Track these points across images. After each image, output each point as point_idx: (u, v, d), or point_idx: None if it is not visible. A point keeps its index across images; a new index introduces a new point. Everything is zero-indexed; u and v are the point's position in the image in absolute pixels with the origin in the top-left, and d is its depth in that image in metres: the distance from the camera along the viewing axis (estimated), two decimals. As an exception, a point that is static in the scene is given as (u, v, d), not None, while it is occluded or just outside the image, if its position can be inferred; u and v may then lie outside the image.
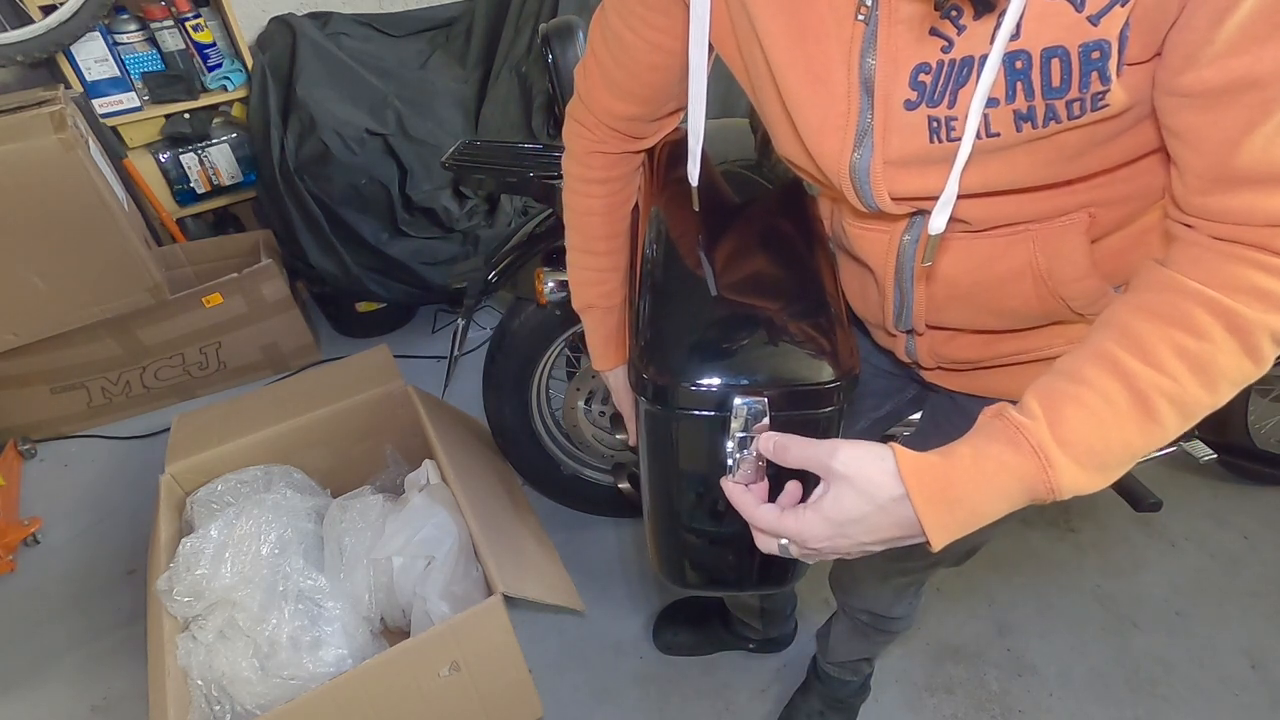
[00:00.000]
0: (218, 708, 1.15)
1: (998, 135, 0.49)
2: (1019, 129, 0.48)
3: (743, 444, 0.59)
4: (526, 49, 2.17)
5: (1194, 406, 0.46)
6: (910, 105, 0.50)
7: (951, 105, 0.49)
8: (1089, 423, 0.46)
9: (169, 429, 1.54)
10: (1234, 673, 1.40)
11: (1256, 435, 1.64)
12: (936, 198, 0.53)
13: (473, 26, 2.25)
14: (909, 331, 0.71)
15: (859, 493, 0.49)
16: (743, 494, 0.57)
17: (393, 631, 1.35)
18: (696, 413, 0.62)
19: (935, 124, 0.50)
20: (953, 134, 0.50)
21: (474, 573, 1.27)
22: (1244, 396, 1.56)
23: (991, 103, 0.47)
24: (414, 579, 1.26)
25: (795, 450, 0.53)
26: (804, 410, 0.60)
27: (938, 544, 0.48)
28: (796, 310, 0.64)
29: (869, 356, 0.83)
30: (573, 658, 1.45)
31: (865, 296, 0.72)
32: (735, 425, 0.59)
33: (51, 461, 1.99)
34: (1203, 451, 1.55)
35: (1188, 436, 1.56)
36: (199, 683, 1.15)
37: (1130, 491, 1.39)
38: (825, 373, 0.59)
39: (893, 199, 0.56)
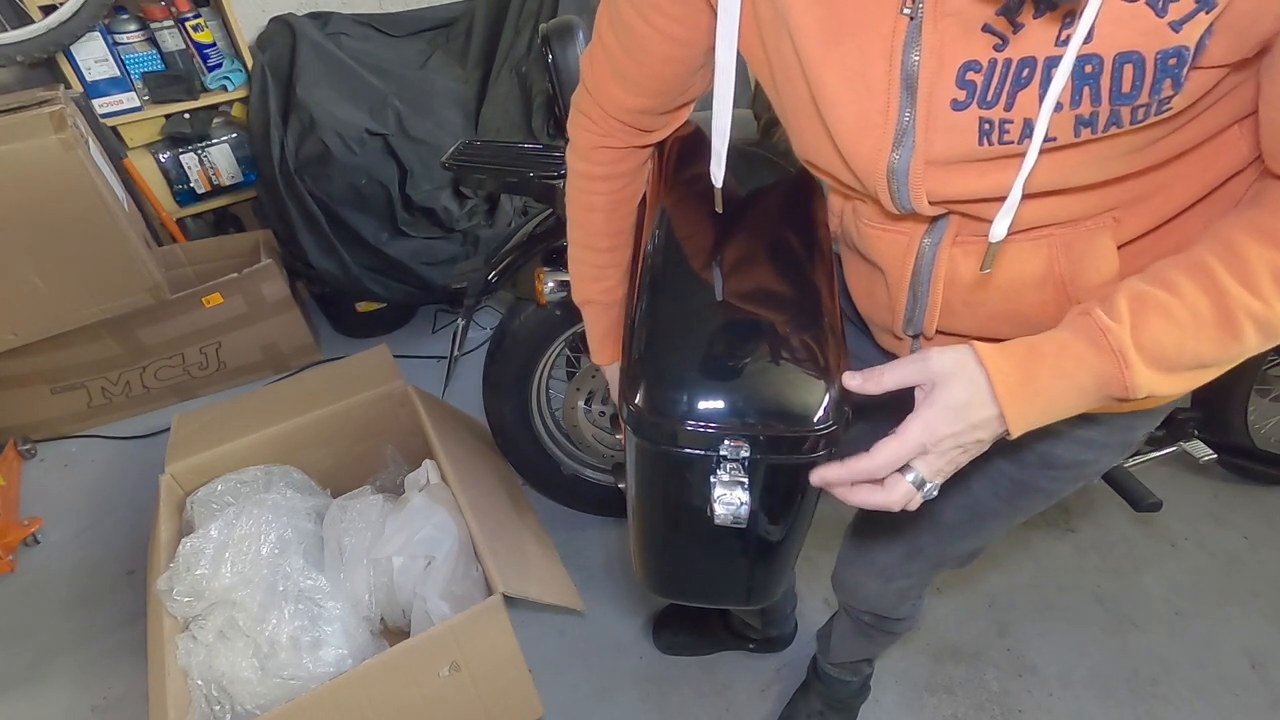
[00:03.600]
0: (218, 708, 1.15)
1: (1054, 140, 0.47)
2: (1077, 134, 0.46)
3: (729, 484, 0.60)
4: (526, 49, 2.17)
5: (1279, 328, 0.48)
6: (959, 105, 0.48)
7: (1009, 108, 0.47)
8: (1171, 332, 0.48)
9: (169, 429, 1.53)
10: (1234, 673, 1.40)
11: (1256, 435, 1.64)
12: (978, 200, 0.51)
13: (473, 26, 2.25)
14: (916, 336, 0.69)
15: (964, 381, 0.51)
16: (841, 468, 0.55)
17: (393, 631, 1.35)
18: (683, 450, 0.61)
19: (988, 126, 0.48)
20: (1005, 137, 0.48)
21: (474, 573, 1.27)
22: (1244, 397, 1.56)
23: (1055, 107, 0.45)
24: (414, 579, 1.26)
25: (888, 376, 0.54)
26: (793, 455, 0.60)
27: (1016, 430, 0.51)
28: (793, 342, 0.62)
29: (871, 359, 0.82)
30: (573, 658, 1.45)
31: (873, 299, 0.71)
32: (721, 473, 0.59)
33: (51, 461, 1.99)
34: (1203, 451, 1.55)
35: (1188, 436, 1.56)
36: (199, 683, 1.15)
37: (1130, 491, 1.39)
38: (817, 418, 0.58)
39: (930, 201, 0.55)
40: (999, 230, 0.49)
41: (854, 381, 0.55)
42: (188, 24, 2.08)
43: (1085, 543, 1.64)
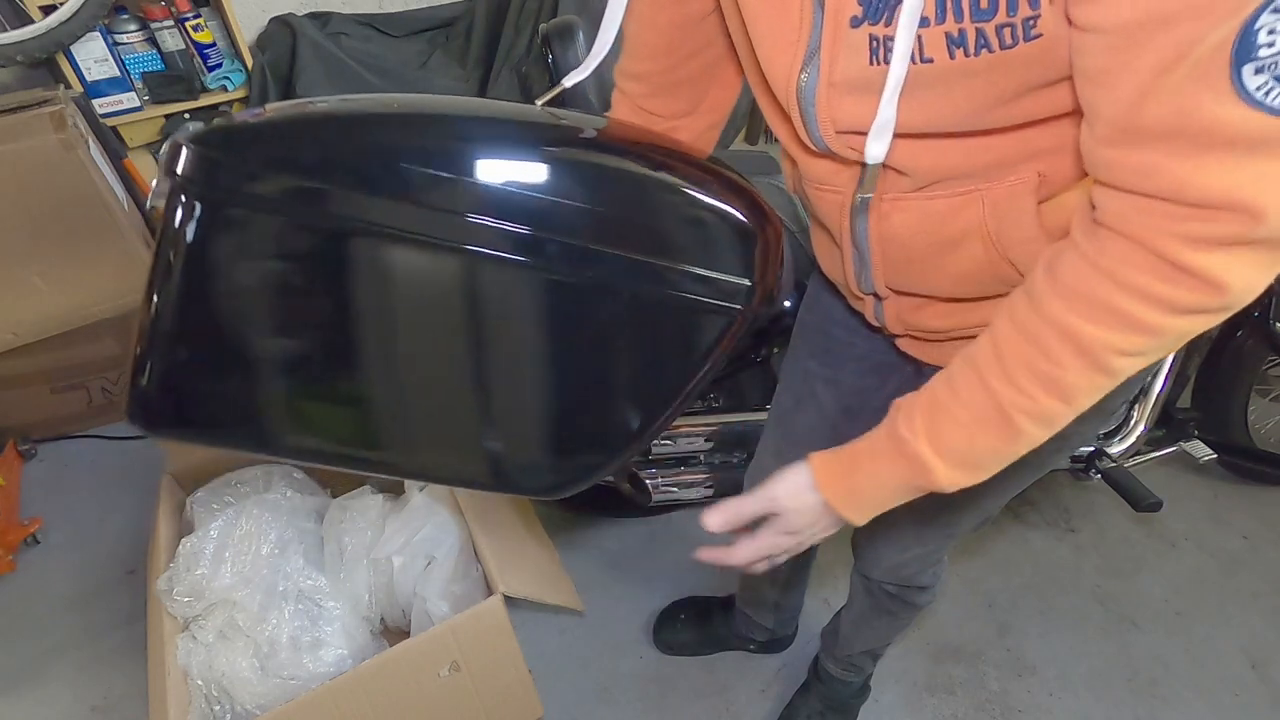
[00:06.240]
0: (218, 708, 1.15)
1: (931, 61, 0.47)
2: (951, 55, 0.46)
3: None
4: (526, 49, 2.18)
5: (1054, 417, 0.50)
6: (855, 22, 0.49)
7: (889, 23, 0.47)
8: (962, 436, 0.53)
9: (169, 429, 1.53)
10: (1234, 673, 1.40)
11: (1256, 435, 1.64)
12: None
13: (473, 26, 2.25)
14: (875, 296, 0.71)
15: (799, 511, 0.61)
16: (729, 553, 0.65)
17: (393, 631, 1.35)
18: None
19: (875, 43, 0.49)
20: (890, 55, 0.48)
21: (474, 573, 1.27)
22: (1244, 397, 1.56)
23: (923, 22, 0.46)
24: (414, 579, 1.26)
25: (747, 509, 0.62)
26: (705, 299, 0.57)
27: (859, 523, 0.60)
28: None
29: (845, 320, 0.85)
30: (573, 658, 1.45)
31: (831, 260, 0.73)
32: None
33: (51, 461, 1.99)
34: (1203, 451, 1.55)
35: (1188, 436, 1.56)
36: (199, 683, 1.15)
37: (1130, 491, 1.39)
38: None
39: (837, 131, 0.55)
40: (874, 151, 0.50)
41: (715, 521, 0.62)
42: (188, 24, 2.08)
43: (1085, 543, 1.64)
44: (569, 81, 0.66)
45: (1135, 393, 0.75)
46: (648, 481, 1.46)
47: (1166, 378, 1.43)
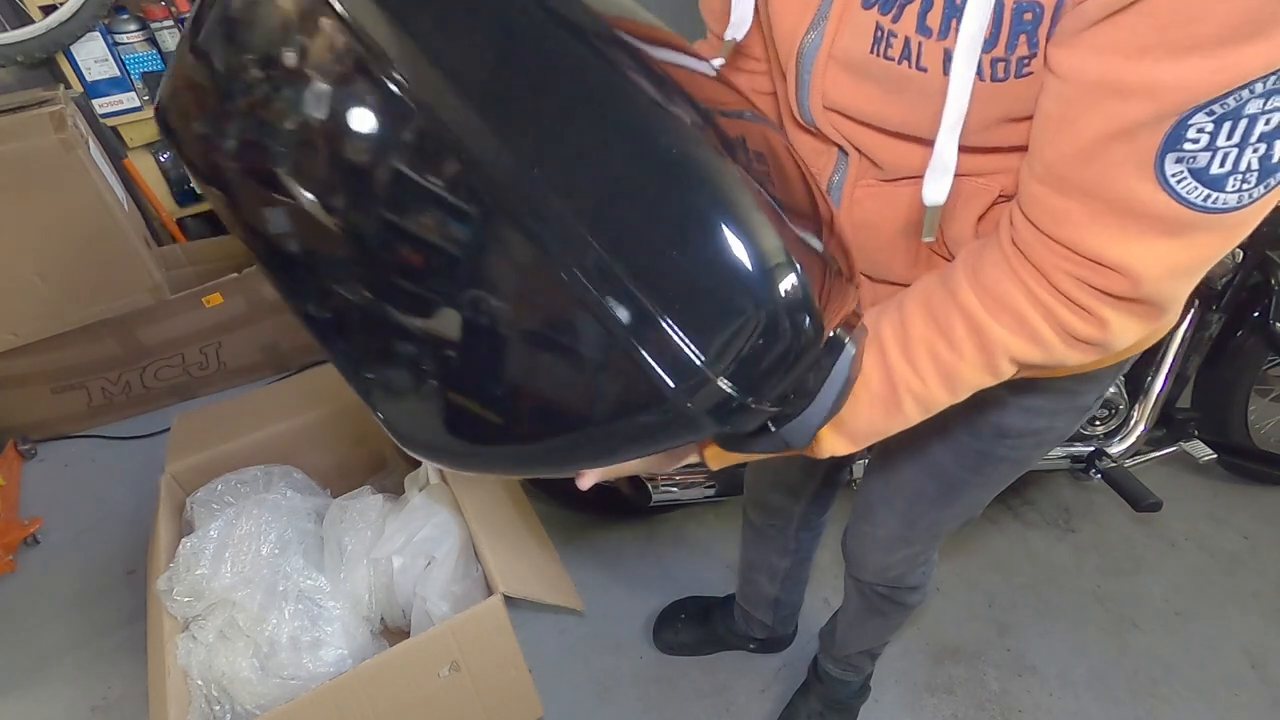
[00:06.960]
0: (218, 708, 1.15)
1: (925, 70, 0.47)
2: (945, 70, 0.46)
3: None
4: (526, 49, 2.17)
5: (934, 404, 0.52)
6: (866, 2, 0.48)
7: (896, 19, 0.47)
8: (847, 404, 0.52)
9: (169, 429, 1.53)
10: (1234, 673, 1.40)
11: (1256, 435, 1.64)
12: (866, 124, 0.53)
13: (473, 26, 2.25)
14: None
15: (677, 465, 0.59)
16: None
17: (393, 631, 1.35)
18: None
19: (879, 33, 0.48)
20: (889, 51, 0.48)
21: (474, 573, 1.27)
22: (1244, 397, 1.56)
23: (925, 31, 0.45)
24: (414, 579, 1.26)
25: (629, 469, 0.58)
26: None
27: (715, 467, 0.58)
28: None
29: None
30: (573, 658, 1.45)
31: None
32: None
33: (51, 461, 1.99)
34: (1203, 451, 1.55)
35: (1188, 436, 1.56)
36: (199, 683, 1.15)
37: (1130, 491, 1.39)
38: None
39: (825, 106, 0.55)
40: (932, 194, 0.48)
41: (588, 480, 0.57)
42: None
43: (1085, 543, 1.64)
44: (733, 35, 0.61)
45: (1107, 391, 0.74)
46: (647, 482, 1.46)
47: (1166, 378, 1.43)
